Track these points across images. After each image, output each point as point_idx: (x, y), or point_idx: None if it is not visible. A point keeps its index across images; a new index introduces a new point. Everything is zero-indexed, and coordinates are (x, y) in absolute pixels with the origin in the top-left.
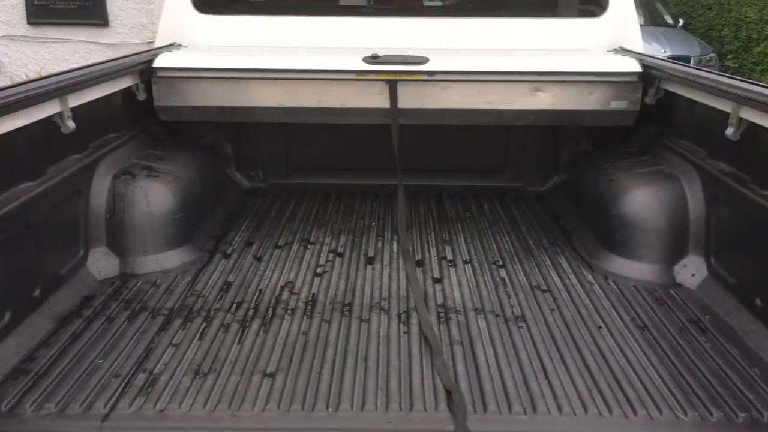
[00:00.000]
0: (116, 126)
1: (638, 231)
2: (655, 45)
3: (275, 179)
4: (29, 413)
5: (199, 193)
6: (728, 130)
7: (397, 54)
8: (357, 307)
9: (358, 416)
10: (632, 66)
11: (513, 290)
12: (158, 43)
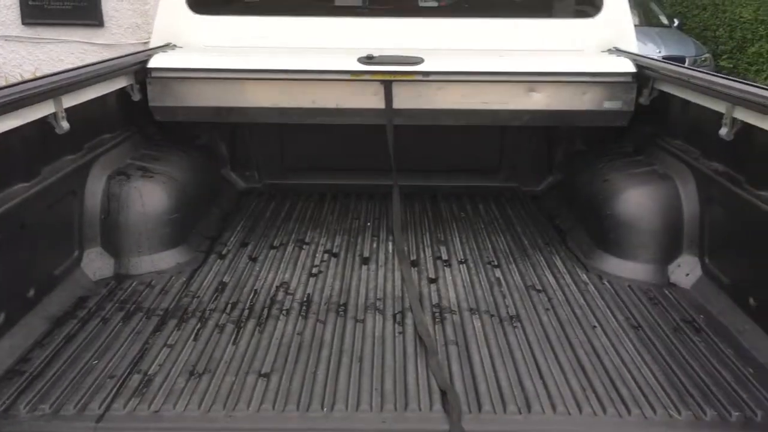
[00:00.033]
0: (111, 126)
1: (632, 231)
2: (651, 45)
3: (270, 180)
4: (23, 414)
5: (194, 194)
6: (722, 130)
7: (392, 54)
8: (352, 308)
9: (353, 416)
10: (626, 66)
11: (508, 290)
12: (153, 44)
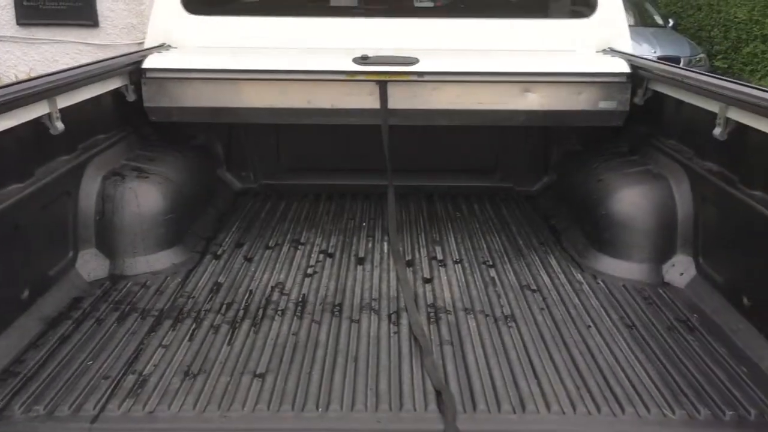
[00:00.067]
0: (106, 127)
1: (627, 231)
2: (646, 45)
3: (266, 180)
4: (18, 415)
5: (190, 194)
6: (716, 130)
7: (387, 55)
8: (347, 308)
9: (348, 416)
10: (621, 66)
11: (503, 290)
12: (148, 44)
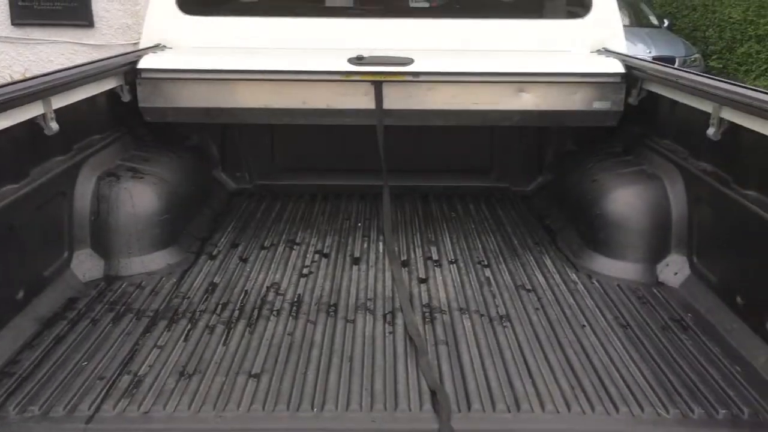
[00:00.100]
0: (100, 127)
1: (621, 231)
2: (641, 46)
3: (261, 180)
4: (13, 416)
5: (185, 195)
6: (709, 130)
7: (382, 55)
8: (342, 308)
9: (343, 416)
10: (615, 67)
11: (498, 290)
12: (143, 44)
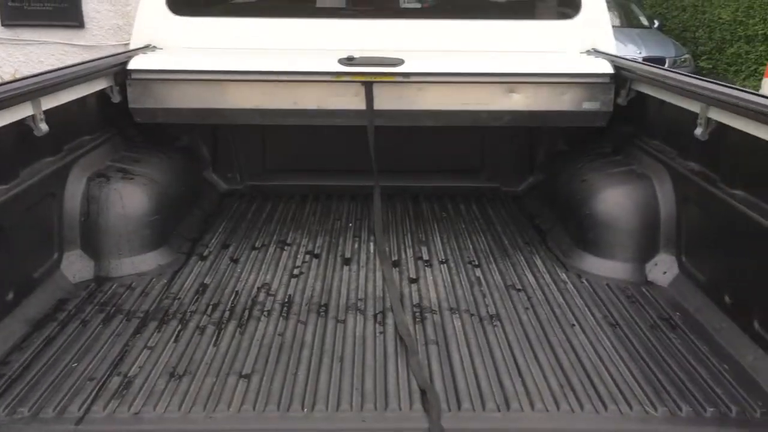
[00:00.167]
0: (90, 128)
1: (611, 230)
2: (631, 46)
3: (252, 181)
4: (2, 417)
5: (175, 196)
6: (697, 130)
7: (373, 56)
8: (333, 308)
9: (334, 416)
10: (604, 67)
11: (488, 290)
12: (133, 45)
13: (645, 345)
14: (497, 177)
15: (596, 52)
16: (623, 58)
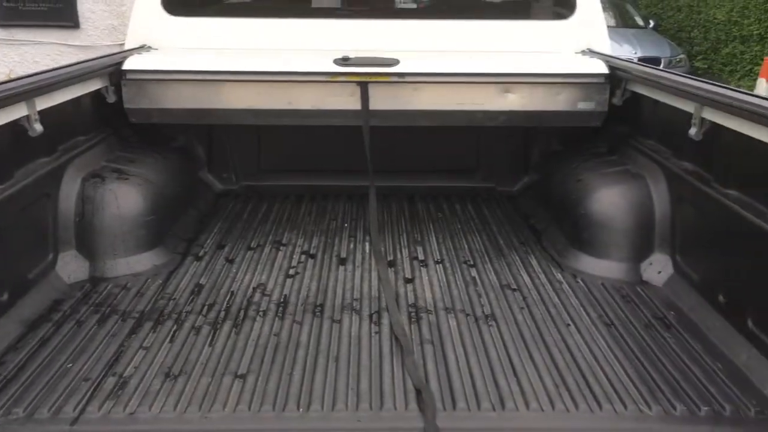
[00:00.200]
0: (85, 129)
1: (605, 230)
2: (626, 46)
3: (247, 181)
4: None
5: (171, 196)
6: (691, 130)
7: (368, 56)
8: (329, 308)
9: (329, 416)
10: (599, 67)
11: (483, 289)
12: (128, 45)
13: (640, 344)
14: (492, 177)
15: (591, 53)
16: (618, 59)
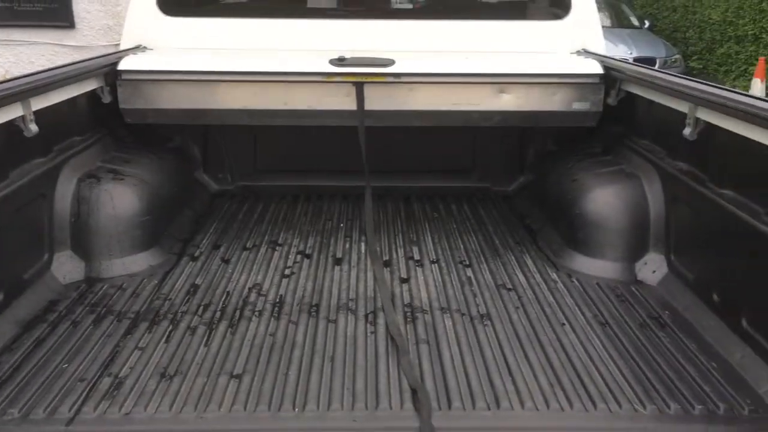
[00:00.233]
0: (81, 129)
1: (600, 230)
2: (622, 46)
3: (243, 181)
4: None
5: (166, 196)
6: (686, 130)
7: (364, 56)
8: (324, 308)
9: (325, 416)
10: (594, 68)
11: (479, 289)
12: (123, 46)
13: (634, 344)
14: (488, 177)
15: (586, 53)
16: (613, 59)
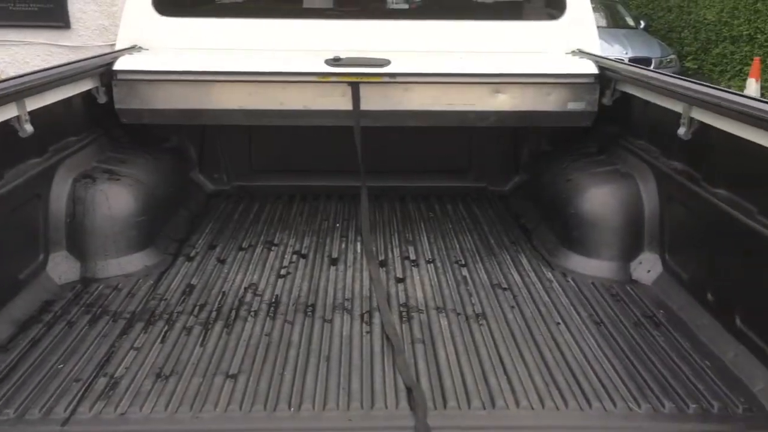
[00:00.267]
0: (76, 129)
1: (595, 229)
2: (617, 47)
3: (239, 182)
4: None
5: (162, 196)
6: (680, 130)
7: (359, 56)
8: (320, 308)
9: (320, 416)
10: (589, 68)
11: (474, 289)
12: (119, 46)
13: (629, 342)
14: (484, 177)
15: (581, 53)
16: (608, 59)
